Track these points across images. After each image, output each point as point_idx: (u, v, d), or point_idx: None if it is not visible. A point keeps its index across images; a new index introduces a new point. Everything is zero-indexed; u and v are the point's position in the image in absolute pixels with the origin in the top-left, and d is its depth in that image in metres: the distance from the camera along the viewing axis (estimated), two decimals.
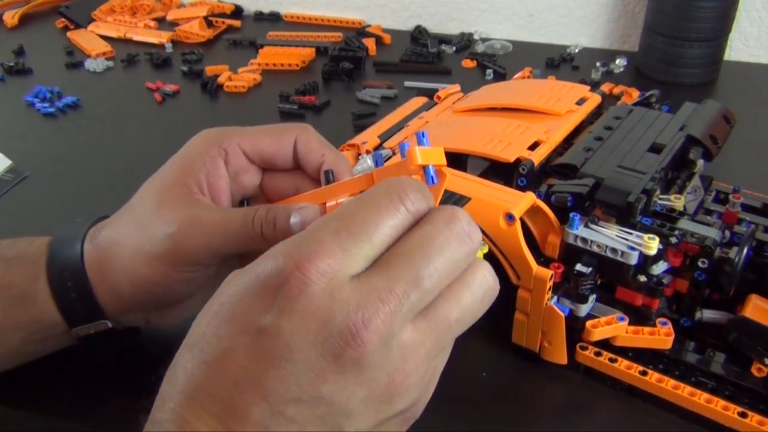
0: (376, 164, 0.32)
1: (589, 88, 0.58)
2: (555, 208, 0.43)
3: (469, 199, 0.42)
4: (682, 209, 0.44)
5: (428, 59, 0.90)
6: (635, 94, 0.75)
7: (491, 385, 0.43)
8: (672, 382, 0.40)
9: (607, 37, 0.96)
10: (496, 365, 0.44)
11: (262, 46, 0.94)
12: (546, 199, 0.43)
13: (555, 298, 0.42)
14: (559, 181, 0.45)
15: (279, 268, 0.26)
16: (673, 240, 0.40)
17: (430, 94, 0.69)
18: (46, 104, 0.79)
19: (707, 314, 0.42)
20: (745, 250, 0.41)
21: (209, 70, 0.87)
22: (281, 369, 0.25)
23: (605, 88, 0.79)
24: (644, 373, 0.40)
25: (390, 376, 0.26)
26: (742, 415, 0.38)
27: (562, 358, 0.43)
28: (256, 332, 0.25)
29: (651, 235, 0.39)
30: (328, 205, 0.35)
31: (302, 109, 0.78)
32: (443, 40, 0.96)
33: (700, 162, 0.50)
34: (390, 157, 0.49)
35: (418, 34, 0.98)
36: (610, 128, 0.50)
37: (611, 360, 0.41)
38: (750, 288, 0.42)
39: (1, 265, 0.39)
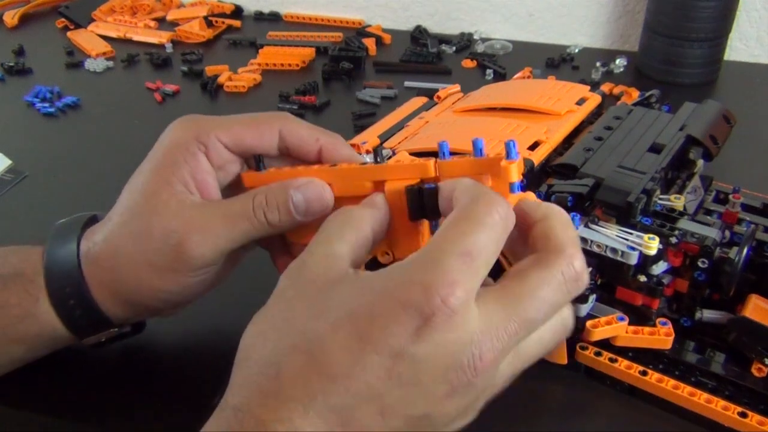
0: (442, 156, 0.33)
1: (589, 88, 0.58)
2: None
3: None
4: (682, 209, 0.43)
5: (428, 59, 0.90)
6: (635, 94, 0.75)
7: None
8: (672, 382, 0.40)
9: (607, 37, 0.96)
10: None
11: (262, 46, 0.94)
12: (546, 199, 0.43)
13: None
14: (559, 181, 0.45)
15: (425, 298, 0.26)
16: (673, 240, 0.40)
17: (430, 94, 0.69)
18: (46, 104, 0.79)
19: (707, 314, 0.42)
20: (745, 250, 0.41)
21: (209, 70, 0.87)
22: (406, 390, 0.27)
23: (605, 88, 0.79)
24: (644, 373, 0.40)
25: (474, 399, 0.29)
26: (742, 415, 0.38)
27: (562, 358, 0.43)
28: (391, 355, 0.26)
29: (651, 235, 0.39)
30: (387, 188, 0.34)
31: (302, 109, 0.78)
32: (443, 40, 0.96)
33: (700, 162, 0.50)
34: (390, 157, 0.49)
35: (418, 34, 0.98)
36: (610, 128, 0.50)
37: (611, 360, 0.41)
38: (750, 288, 0.42)
39: None
